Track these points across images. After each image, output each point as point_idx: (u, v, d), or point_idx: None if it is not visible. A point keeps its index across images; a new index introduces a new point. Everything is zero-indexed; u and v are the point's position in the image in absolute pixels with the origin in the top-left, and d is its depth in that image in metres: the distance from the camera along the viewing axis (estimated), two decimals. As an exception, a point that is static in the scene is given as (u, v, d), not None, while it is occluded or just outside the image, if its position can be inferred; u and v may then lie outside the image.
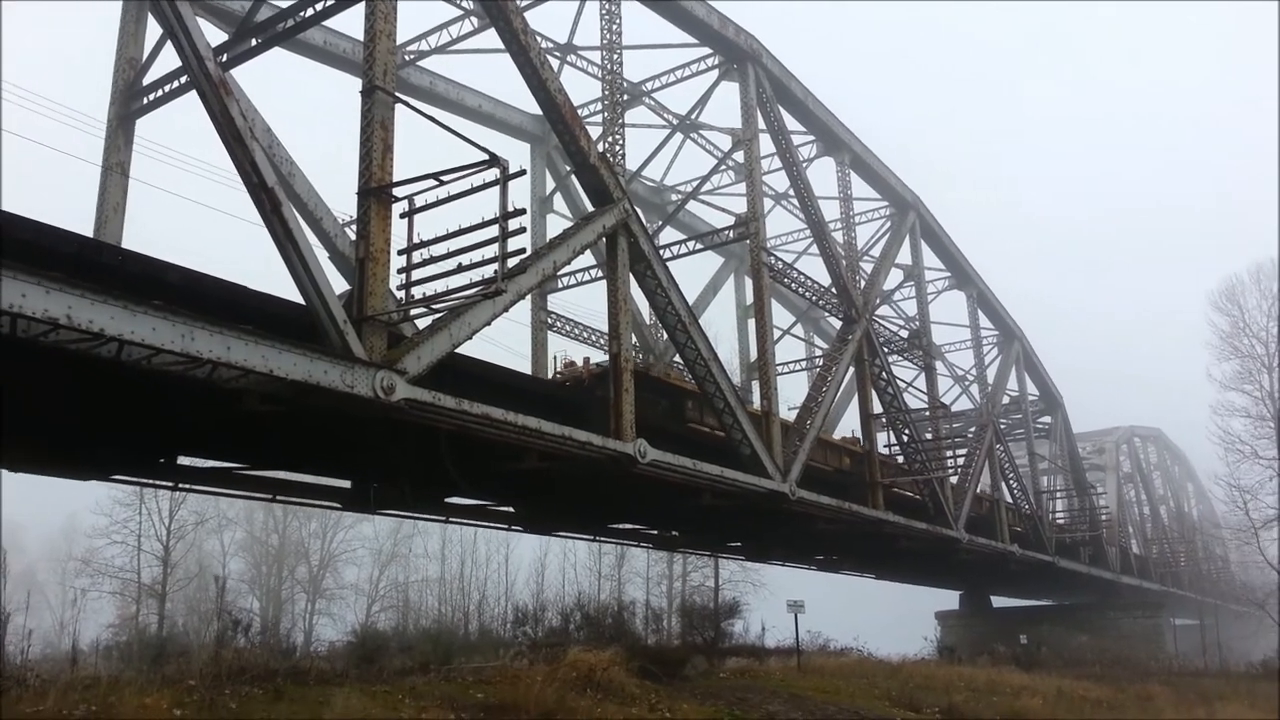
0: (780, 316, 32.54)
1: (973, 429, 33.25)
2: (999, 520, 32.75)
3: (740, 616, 32.64)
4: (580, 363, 21.25)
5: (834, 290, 25.25)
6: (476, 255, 11.58)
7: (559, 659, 13.77)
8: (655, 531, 26.69)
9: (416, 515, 20.79)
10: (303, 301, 10.87)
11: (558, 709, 10.75)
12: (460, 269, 11.59)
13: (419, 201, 11.82)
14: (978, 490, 31.54)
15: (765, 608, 33.85)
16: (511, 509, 21.02)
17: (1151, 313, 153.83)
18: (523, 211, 11.56)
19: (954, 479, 29.27)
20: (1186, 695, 21.37)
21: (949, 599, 45.25)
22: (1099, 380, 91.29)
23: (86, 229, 14.48)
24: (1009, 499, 34.79)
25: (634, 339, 24.14)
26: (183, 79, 14.02)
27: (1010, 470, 35.46)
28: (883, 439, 26.42)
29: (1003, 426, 36.16)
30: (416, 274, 11.73)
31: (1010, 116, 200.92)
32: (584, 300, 25.72)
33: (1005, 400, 38.05)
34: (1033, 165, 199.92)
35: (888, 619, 42.44)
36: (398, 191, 11.72)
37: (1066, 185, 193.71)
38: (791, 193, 25.76)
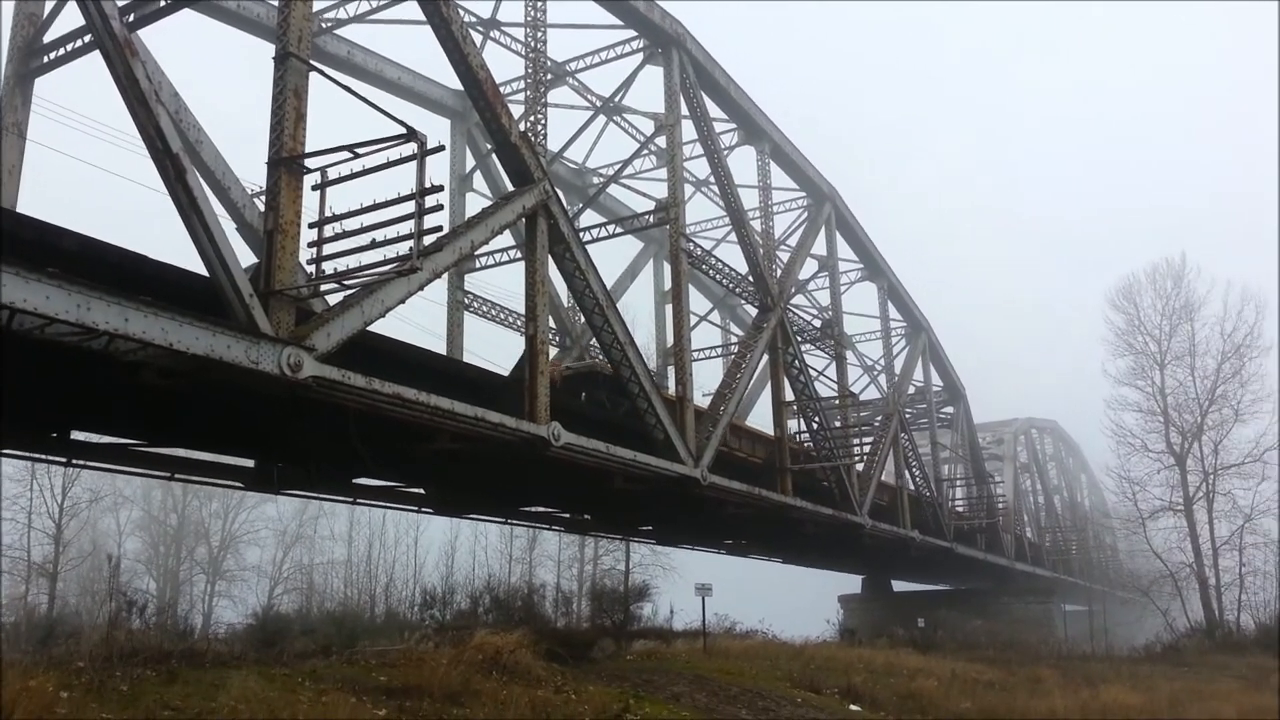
0: (698, 303, 32.83)
1: (879, 418, 34.11)
2: (901, 507, 33.69)
3: (650, 600, 32.99)
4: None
5: (751, 278, 25.54)
6: (391, 231, 11.37)
7: (465, 642, 13.69)
8: (567, 515, 26.71)
9: (323, 496, 20.38)
10: (206, 273, 10.52)
11: (463, 691, 10.69)
12: (374, 245, 11.35)
13: (332, 174, 11.52)
14: (882, 478, 32.37)
15: (675, 591, 34.20)
16: (422, 491, 20.78)
17: (1055, 307, 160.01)
18: (441, 188, 11.37)
19: (860, 466, 29.99)
20: (1074, 678, 22.33)
21: (852, 583, 46.43)
22: (1001, 372, 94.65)
23: (-26, 190, 13.72)
24: (911, 487, 35.80)
25: (551, 321, 24.07)
26: (86, 38, 13.42)
27: (913, 459, 36.48)
28: (793, 426, 26.95)
29: (908, 416, 37.14)
30: (328, 249, 11.45)
31: (932, 110, 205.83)
32: (502, 281, 25.49)
33: (911, 390, 39.07)
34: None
35: (793, 603, 43.32)
36: (310, 163, 11.40)
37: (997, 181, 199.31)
38: (712, 180, 25.93)
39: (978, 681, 21.18)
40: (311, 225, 11.39)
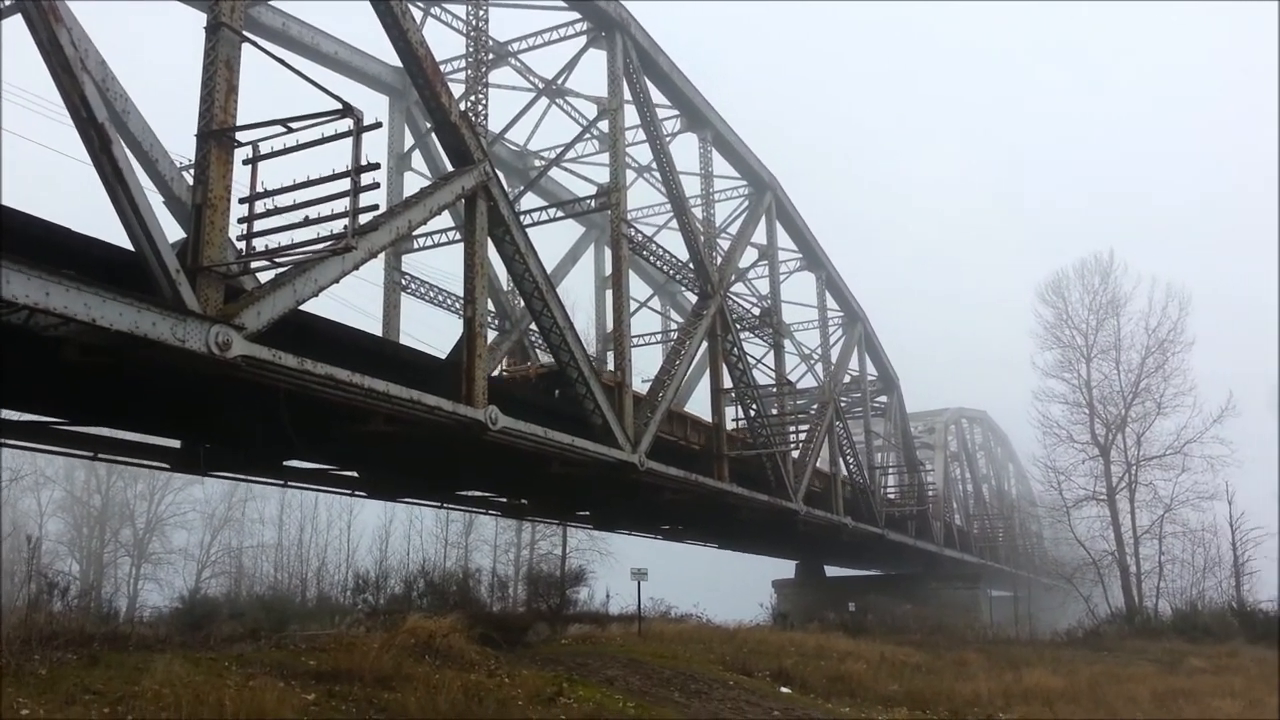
0: (638, 289, 32.85)
1: (815, 406, 34.58)
2: (835, 494, 34.23)
3: (586, 584, 33.16)
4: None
5: (691, 265, 25.64)
6: (326, 209, 11.12)
7: (398, 626, 13.58)
8: (504, 499, 26.61)
9: (252, 478, 20.04)
10: (132, 248, 10.21)
11: (394, 676, 10.60)
12: (307, 222, 11.13)
13: (264, 148, 11.25)
14: (817, 465, 32.84)
15: (611, 576, 34.38)
16: (355, 474, 20.53)
17: (986, 300, 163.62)
18: (377, 166, 11.18)
19: (795, 454, 30.39)
20: (998, 661, 22.96)
21: (786, 568, 47.10)
22: (935, 362, 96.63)
23: (-117, 155, 13.12)
24: (845, 474, 36.39)
25: (490, 304, 23.90)
26: (7, 1, 12.88)
27: (848, 446, 37.08)
28: (731, 413, 27.21)
29: (843, 404, 37.71)
30: (259, 225, 11.18)
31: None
32: (441, 263, 25.16)
33: (846, 379, 39.66)
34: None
35: (728, 587, 43.82)
36: (242, 136, 11.12)
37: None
38: (654, 166, 25.93)
39: (905, 664, 21.67)
40: (242, 201, 11.12)
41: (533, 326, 22.33)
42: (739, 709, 14.07)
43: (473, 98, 17.13)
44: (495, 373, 21.66)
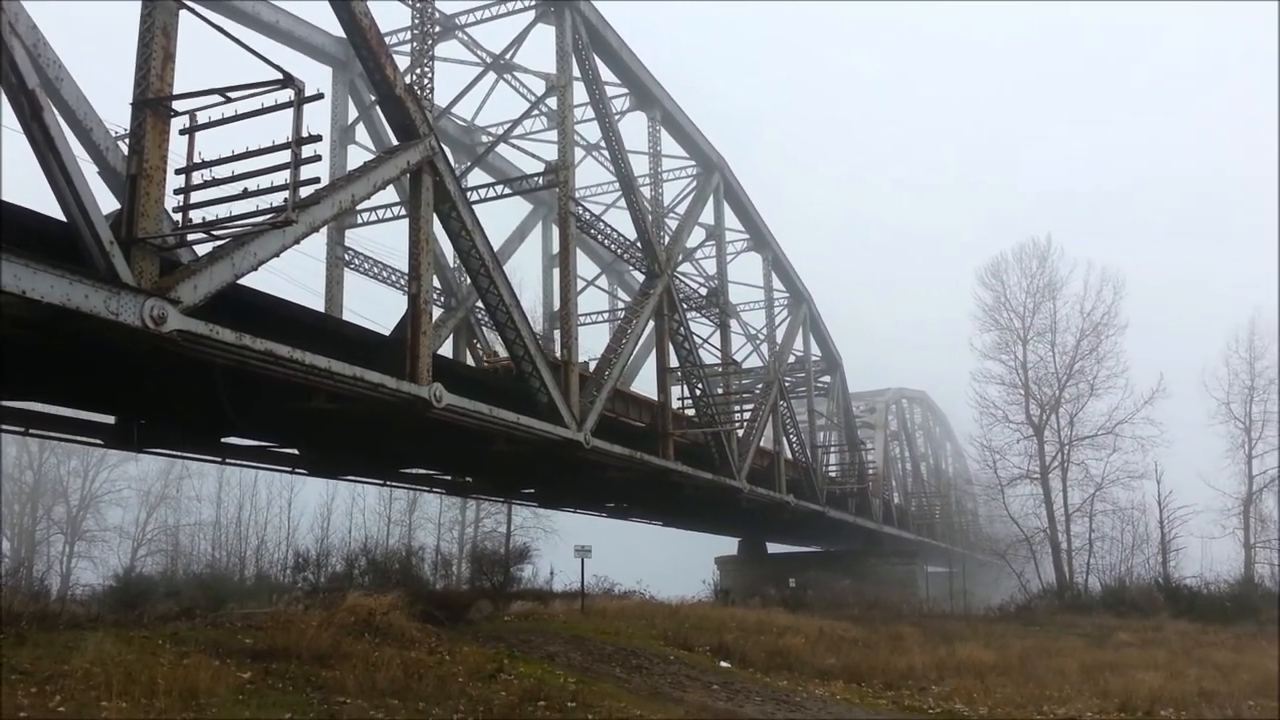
0: (585, 267, 32.80)
1: (760, 385, 34.93)
2: (778, 472, 34.68)
3: (530, 562, 33.16)
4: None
5: (639, 244, 25.67)
6: (265, 181, 10.96)
7: (337, 604, 13.49)
8: (449, 477, 26.52)
9: (188, 455, 19.69)
10: (64, 219, 9.96)
11: (332, 654, 10.55)
12: (246, 194, 10.93)
13: (202, 118, 11.03)
14: (760, 443, 33.22)
15: (556, 554, 34.41)
16: (296, 451, 20.30)
17: (930, 283, 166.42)
18: (319, 138, 11.00)
19: (740, 432, 30.70)
20: (932, 636, 23.47)
21: (729, 545, 47.61)
22: (876, 343, 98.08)
23: None
24: (788, 453, 36.86)
25: (436, 281, 23.69)
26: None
27: (791, 426, 37.54)
28: (677, 392, 27.37)
29: (787, 384, 38.13)
30: (197, 196, 10.98)
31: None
32: (385, 238, 24.84)
33: (791, 359, 40.07)
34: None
35: (672, 565, 44.14)
36: (179, 106, 10.89)
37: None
38: (603, 144, 25.85)
39: (843, 639, 22.09)
40: (179, 172, 10.90)
41: (479, 304, 22.21)
42: (679, 683, 14.27)
43: (418, 71, 16.91)
44: (471, 362, 21.54)
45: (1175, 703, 13.49)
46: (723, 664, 17.03)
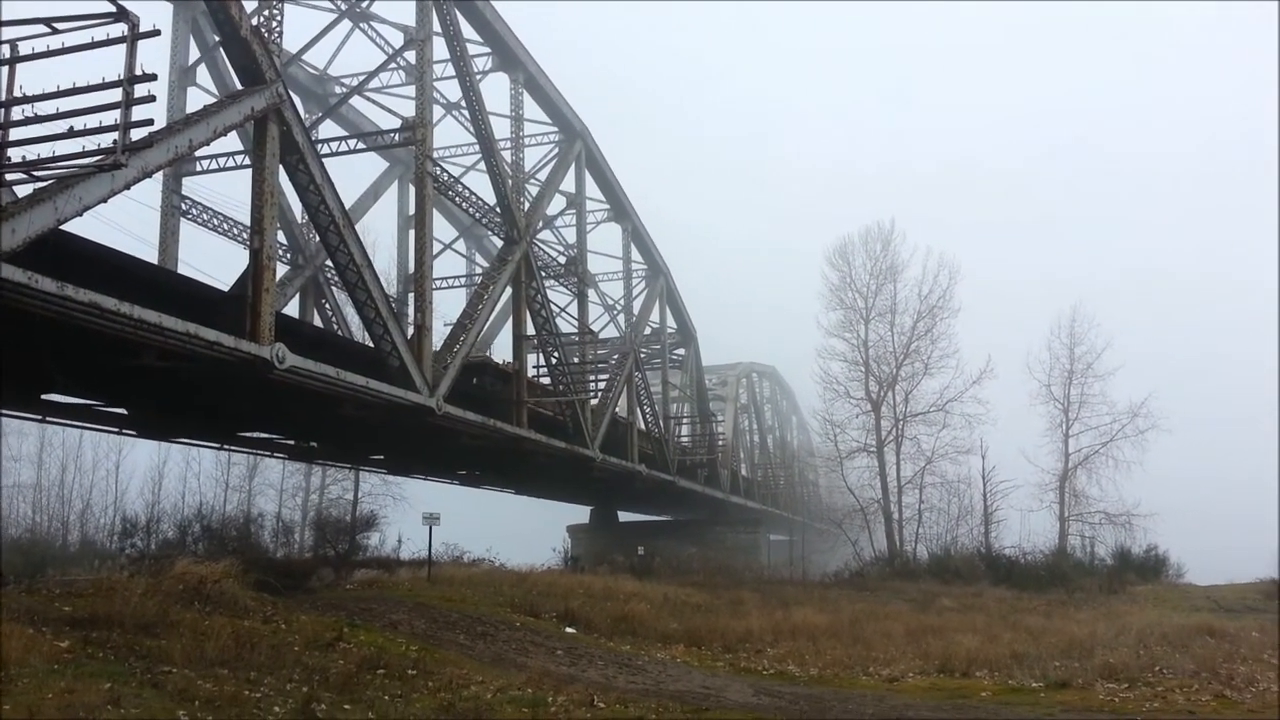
0: (443, 230, 32.17)
1: (616, 356, 35.19)
2: (631, 442, 35.12)
3: (377, 530, 32.45)
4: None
5: (498, 209, 25.30)
6: (94, 121, 10.23)
7: (165, 571, 12.85)
8: (292, 441, 25.59)
9: (5, 413, 18.28)
10: None
11: (158, 622, 10.06)
12: (73, 134, 10.17)
13: (25, 49, 10.20)
14: (615, 413, 33.52)
15: (404, 521, 33.74)
16: (124, 411, 19.16)
17: (783, 260, 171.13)
18: (154, 77, 10.34)
19: (594, 402, 30.88)
20: (771, 600, 24.37)
21: (581, 514, 47.94)
22: (730, 316, 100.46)
23: None
24: (641, 423, 37.34)
25: (282, 237, 22.72)
26: None
27: (645, 396, 38.03)
28: (532, 360, 27.24)
29: (643, 355, 38.54)
30: (16, 134, 10.18)
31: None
32: (227, 189, 23.54)
33: (647, 331, 40.51)
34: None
35: (524, 533, 44.09)
36: (-5, 33, 10.01)
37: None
38: (463, 103, 25.28)
39: (687, 604, 22.66)
40: (-5, 106, 10.03)
41: (329, 263, 21.41)
42: (523, 649, 14.33)
43: (266, 13, 16.10)
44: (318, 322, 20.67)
45: (989, 664, 14.47)
46: (568, 630, 17.20)
